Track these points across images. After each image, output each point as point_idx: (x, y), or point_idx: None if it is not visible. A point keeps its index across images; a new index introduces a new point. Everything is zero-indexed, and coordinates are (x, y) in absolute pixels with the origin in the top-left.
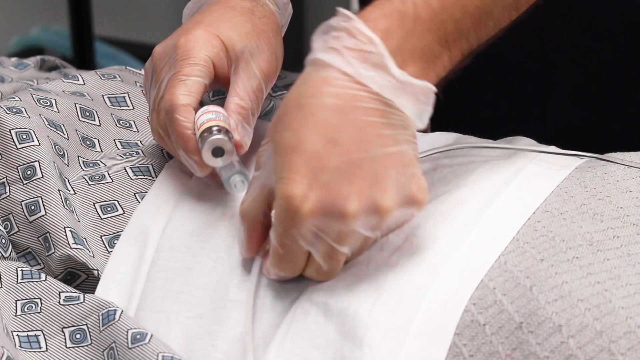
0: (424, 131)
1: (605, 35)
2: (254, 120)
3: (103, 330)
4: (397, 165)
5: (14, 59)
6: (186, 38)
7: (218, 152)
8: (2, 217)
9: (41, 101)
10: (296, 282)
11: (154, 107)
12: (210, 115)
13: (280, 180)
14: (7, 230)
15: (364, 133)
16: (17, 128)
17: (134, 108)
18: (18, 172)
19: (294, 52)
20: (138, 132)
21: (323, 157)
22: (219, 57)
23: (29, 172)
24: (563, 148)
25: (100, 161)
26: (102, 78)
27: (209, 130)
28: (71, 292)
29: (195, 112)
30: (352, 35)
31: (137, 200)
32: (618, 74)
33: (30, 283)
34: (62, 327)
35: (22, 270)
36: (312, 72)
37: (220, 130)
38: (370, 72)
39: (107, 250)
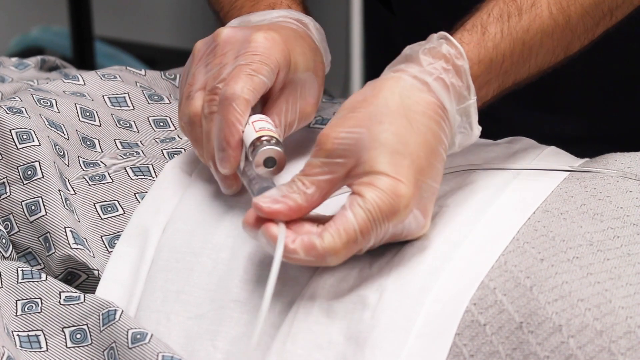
0: None
1: (613, 47)
2: None
3: (103, 330)
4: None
5: (14, 59)
6: (264, 35)
7: (270, 162)
8: (3, 217)
9: (41, 101)
10: (296, 281)
11: (204, 85)
12: (268, 125)
13: (387, 177)
14: (8, 230)
15: (442, 166)
16: (17, 128)
17: (134, 108)
18: (18, 172)
19: None
20: (138, 132)
21: (424, 175)
22: (284, 69)
23: (29, 172)
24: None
25: (101, 161)
26: (103, 78)
27: (262, 139)
28: (71, 292)
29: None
30: (459, 75)
31: (137, 200)
32: (624, 87)
33: (31, 283)
34: (62, 327)
35: (22, 270)
36: (419, 90)
37: (277, 142)
38: (458, 116)
39: (108, 250)
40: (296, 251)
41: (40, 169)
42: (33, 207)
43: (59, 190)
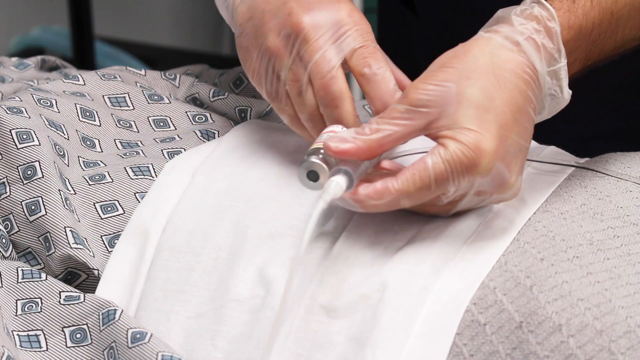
0: None
1: None
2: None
3: (103, 329)
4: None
5: (14, 59)
6: (349, 12)
7: (312, 175)
8: (3, 217)
9: (41, 101)
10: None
11: (308, 78)
12: (324, 135)
13: (470, 132)
14: (8, 230)
15: (531, 125)
16: (17, 128)
17: (134, 108)
18: (18, 172)
19: None
20: (138, 132)
21: (509, 130)
22: None
23: (29, 172)
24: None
25: (101, 161)
26: (103, 78)
27: (315, 150)
28: (71, 291)
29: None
30: (550, 36)
31: (137, 200)
32: (625, 87)
33: (31, 283)
34: (62, 326)
35: (22, 270)
36: (509, 49)
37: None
38: (548, 78)
39: (108, 250)
40: (370, 196)
41: (40, 168)
42: (33, 207)
43: (59, 190)
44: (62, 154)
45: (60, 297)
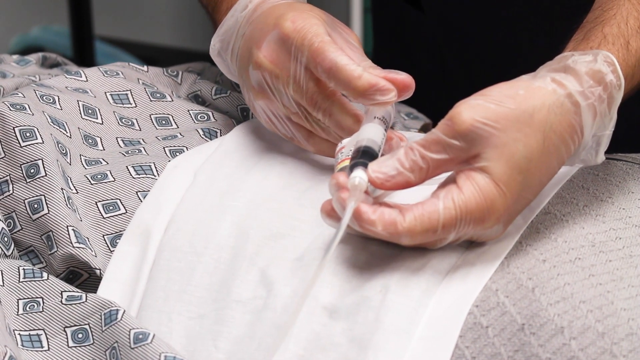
0: (426, 129)
1: None
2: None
3: (105, 330)
4: None
5: (15, 57)
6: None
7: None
8: (5, 215)
9: (44, 98)
10: (298, 279)
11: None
12: (341, 154)
13: (494, 185)
14: (10, 228)
15: (549, 181)
16: (20, 125)
17: (136, 106)
18: (21, 170)
19: None
20: (140, 130)
21: (530, 192)
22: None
23: (32, 170)
24: None
25: (102, 159)
26: (105, 75)
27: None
28: (73, 291)
29: None
30: (609, 105)
31: (139, 199)
32: None
33: (33, 282)
34: (64, 326)
35: (24, 269)
36: (567, 110)
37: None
38: (589, 142)
39: (110, 249)
40: (374, 223)
41: (43, 167)
42: (36, 206)
43: (62, 188)
44: (64, 152)
45: (62, 297)
